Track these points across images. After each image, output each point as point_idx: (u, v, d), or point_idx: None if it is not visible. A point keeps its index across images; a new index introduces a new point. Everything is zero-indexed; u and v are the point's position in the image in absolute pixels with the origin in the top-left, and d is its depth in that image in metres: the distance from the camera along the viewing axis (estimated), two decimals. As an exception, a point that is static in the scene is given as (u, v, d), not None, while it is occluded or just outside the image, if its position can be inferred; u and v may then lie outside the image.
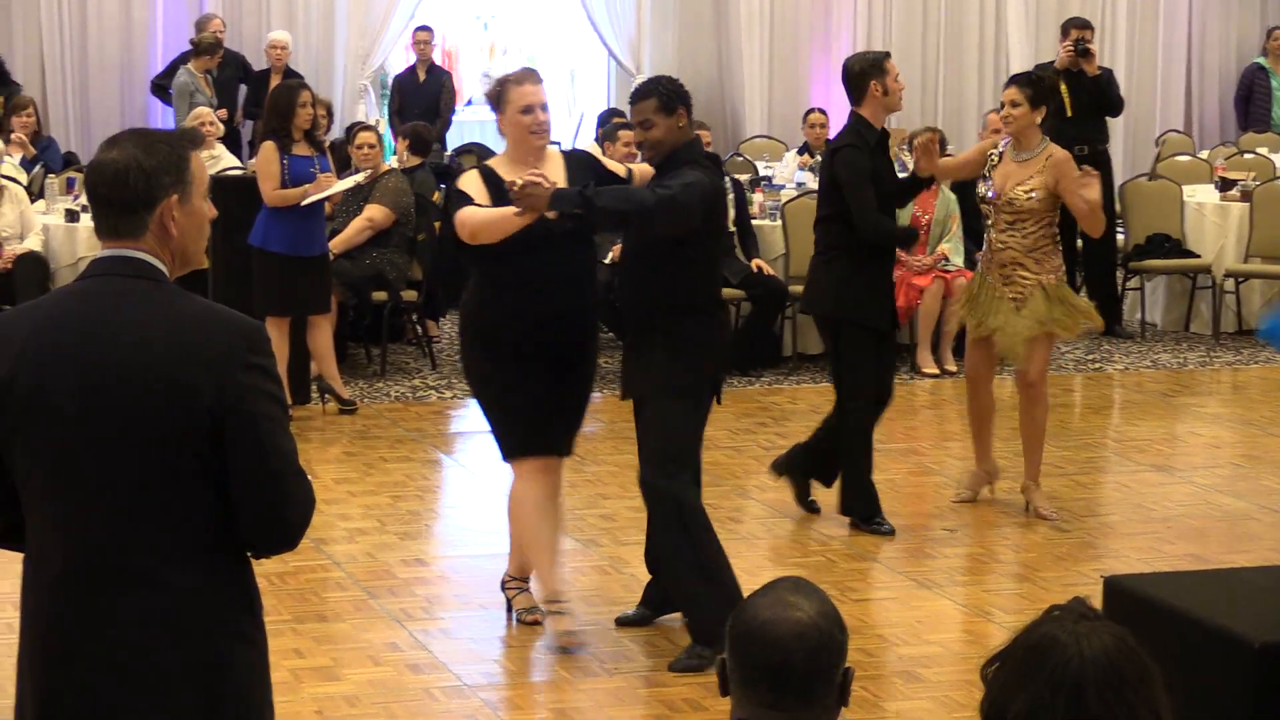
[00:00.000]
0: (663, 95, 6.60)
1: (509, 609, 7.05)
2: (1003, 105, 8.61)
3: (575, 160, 6.86)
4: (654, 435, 6.62)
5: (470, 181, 6.66)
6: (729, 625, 3.05)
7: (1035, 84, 8.58)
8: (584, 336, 6.82)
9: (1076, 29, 13.19)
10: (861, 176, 8.05)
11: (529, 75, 6.78)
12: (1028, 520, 8.50)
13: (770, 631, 2.98)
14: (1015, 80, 8.65)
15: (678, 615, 6.76)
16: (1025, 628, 2.84)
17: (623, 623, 6.93)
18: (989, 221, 8.60)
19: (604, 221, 6.68)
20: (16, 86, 14.47)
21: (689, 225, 6.48)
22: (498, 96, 6.69)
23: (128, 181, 3.46)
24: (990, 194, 8.50)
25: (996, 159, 8.53)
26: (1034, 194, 8.31)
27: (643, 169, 6.92)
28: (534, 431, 6.71)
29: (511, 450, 6.76)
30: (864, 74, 8.21)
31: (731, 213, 10.56)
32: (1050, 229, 8.43)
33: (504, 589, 7.08)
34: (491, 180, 6.59)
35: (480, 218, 6.50)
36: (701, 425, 6.72)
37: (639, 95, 6.72)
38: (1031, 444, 8.61)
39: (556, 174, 6.59)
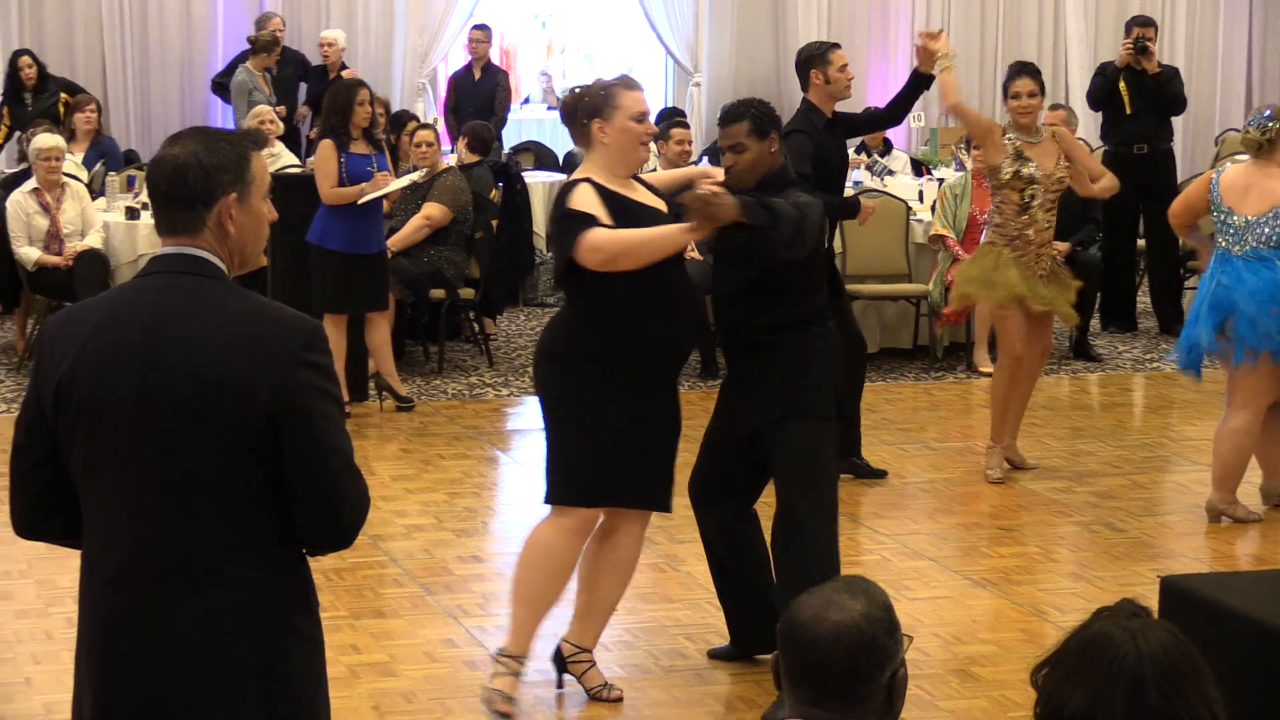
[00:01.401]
0: (756, 118, 6.21)
1: (560, 677, 6.37)
2: (1019, 95, 9.00)
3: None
4: (793, 462, 6.17)
5: (588, 199, 5.92)
6: (779, 622, 3.06)
7: (1039, 74, 9.13)
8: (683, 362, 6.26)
9: (1139, 26, 13.14)
10: (800, 159, 8.25)
11: (637, 82, 6.23)
12: (1084, 520, 8.48)
13: (809, 631, 2.98)
14: (1026, 70, 9.14)
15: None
16: (1076, 629, 2.84)
17: (714, 655, 6.64)
18: (1036, 201, 8.94)
19: (786, 231, 5.88)
20: (60, 82, 14.49)
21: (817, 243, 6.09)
22: (601, 103, 6.02)
23: (187, 178, 3.48)
24: (1038, 173, 8.90)
25: (1019, 143, 8.94)
26: (1067, 171, 8.91)
27: (662, 176, 6.52)
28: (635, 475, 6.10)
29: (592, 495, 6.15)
30: (806, 63, 8.83)
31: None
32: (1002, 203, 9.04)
33: (565, 662, 6.37)
34: (609, 197, 5.95)
35: (630, 240, 5.83)
36: (835, 445, 6.36)
37: (729, 118, 6.29)
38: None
39: (645, 192, 6.15)
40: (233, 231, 3.51)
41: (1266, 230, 8.23)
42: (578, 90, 6.21)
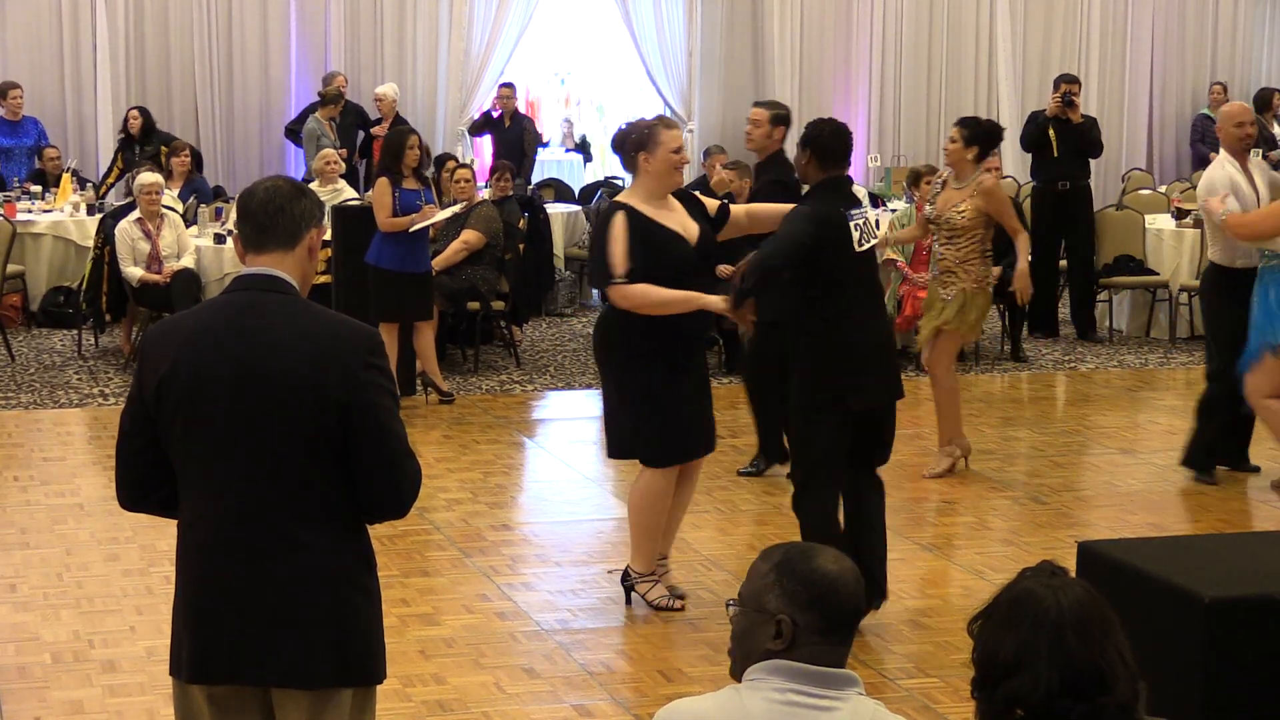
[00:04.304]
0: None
1: (628, 599, 6.61)
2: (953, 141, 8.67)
3: (683, 198, 6.37)
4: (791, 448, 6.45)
5: (619, 235, 6.07)
6: (801, 586, 2.91)
7: (971, 126, 8.65)
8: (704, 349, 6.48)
9: (1066, 84, 13.10)
10: None
11: (675, 122, 6.45)
12: (1014, 495, 8.46)
13: (845, 583, 2.92)
14: (958, 121, 8.81)
15: None
16: (1004, 587, 2.82)
17: None
18: (934, 237, 8.77)
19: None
20: (167, 135, 14.49)
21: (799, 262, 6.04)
22: (645, 139, 6.14)
23: (292, 213, 3.53)
24: (932, 215, 8.72)
25: (940, 187, 8.74)
26: (964, 214, 8.48)
27: (737, 209, 6.50)
28: (690, 437, 6.37)
29: (669, 456, 6.35)
30: None
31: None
32: (980, 244, 8.56)
33: (630, 585, 6.61)
34: (640, 224, 6.07)
35: (657, 298, 6.03)
36: (823, 437, 6.21)
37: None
38: (939, 416, 8.83)
39: (680, 211, 6.23)
40: (314, 258, 3.58)
41: None
42: (627, 127, 6.32)
